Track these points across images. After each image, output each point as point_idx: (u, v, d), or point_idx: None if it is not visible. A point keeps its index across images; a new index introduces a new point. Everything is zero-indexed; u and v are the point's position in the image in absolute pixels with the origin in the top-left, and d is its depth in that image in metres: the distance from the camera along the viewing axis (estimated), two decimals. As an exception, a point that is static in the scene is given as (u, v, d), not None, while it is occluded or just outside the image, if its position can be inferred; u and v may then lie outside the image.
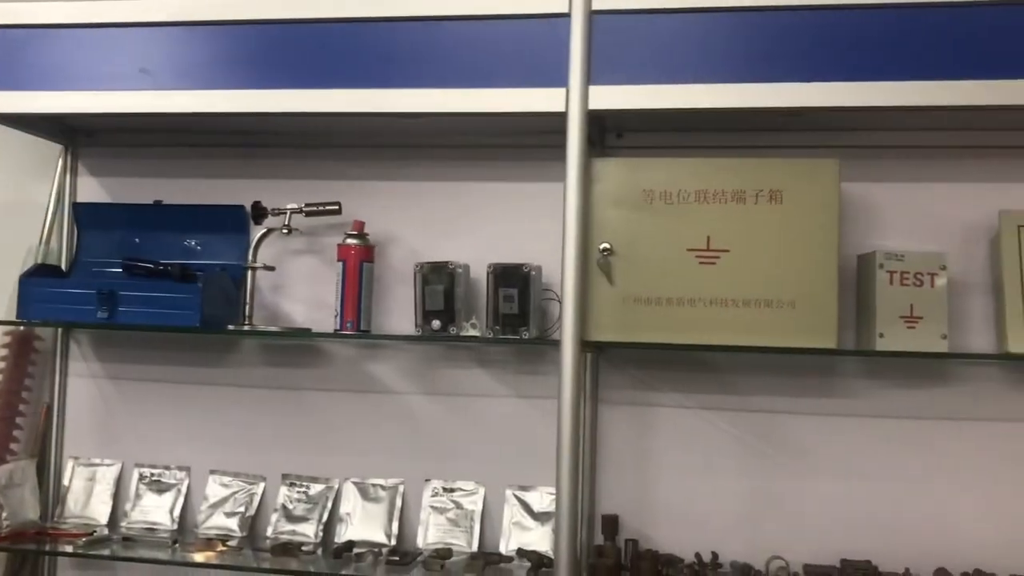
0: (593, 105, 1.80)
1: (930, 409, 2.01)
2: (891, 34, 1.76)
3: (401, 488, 2.19)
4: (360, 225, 2.12)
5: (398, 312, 2.18)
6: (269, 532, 2.18)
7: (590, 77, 1.81)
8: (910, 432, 2.01)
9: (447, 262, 2.02)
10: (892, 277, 1.86)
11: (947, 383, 2.01)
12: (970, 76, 1.72)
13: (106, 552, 2.11)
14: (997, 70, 1.72)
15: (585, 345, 1.86)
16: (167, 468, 2.30)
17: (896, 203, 2.03)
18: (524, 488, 2.13)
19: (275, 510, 2.20)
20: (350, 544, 2.08)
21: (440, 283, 2.01)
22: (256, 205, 2.15)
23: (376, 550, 2.07)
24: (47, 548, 2.20)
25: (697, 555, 2.01)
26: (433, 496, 2.17)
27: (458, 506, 2.15)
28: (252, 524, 2.21)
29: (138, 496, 2.28)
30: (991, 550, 1.96)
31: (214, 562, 2.06)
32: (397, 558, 2.01)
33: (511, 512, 2.13)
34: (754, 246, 1.85)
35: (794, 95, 1.77)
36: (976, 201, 1.99)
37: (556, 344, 1.82)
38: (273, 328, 2.18)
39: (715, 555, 2.00)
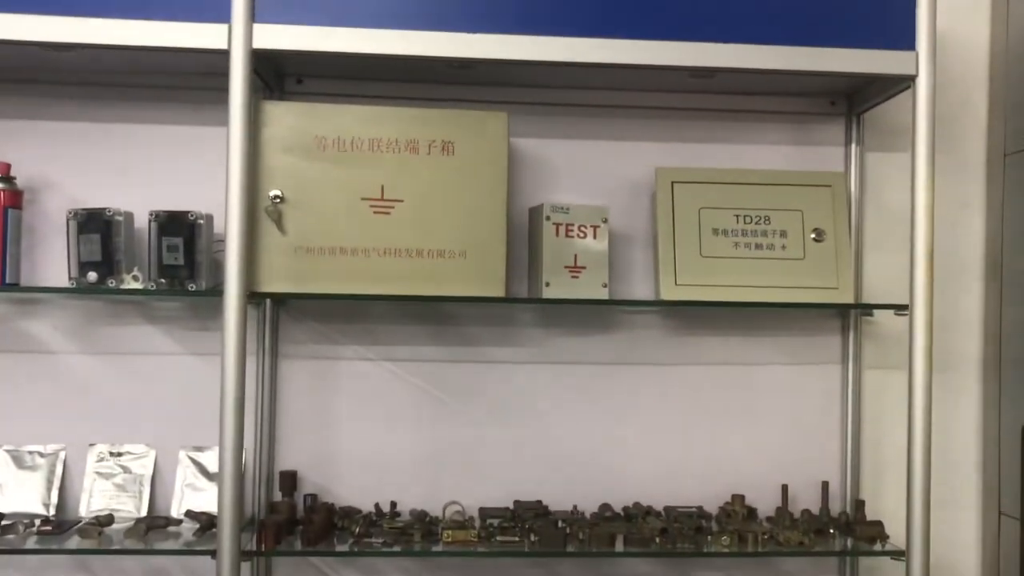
0: (258, 44, 1.72)
1: (595, 355, 2.12)
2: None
3: (62, 455, 2.02)
4: (6, 168, 1.91)
5: (56, 265, 1.99)
6: (-95, 511, 1.95)
7: (255, 14, 1.72)
8: (577, 377, 2.12)
9: (104, 209, 1.87)
10: (558, 229, 1.93)
11: (610, 331, 2.13)
12: (624, 36, 1.79)
13: None
14: (650, 31, 1.80)
15: (253, 296, 1.79)
16: None
17: (567, 159, 2.11)
18: (199, 449, 2.04)
19: (-88, 486, 1.97)
20: (-2, 516, 1.91)
21: (97, 232, 1.86)
22: None
23: (28, 521, 1.90)
24: None
25: (376, 505, 2.01)
26: (99, 461, 2.03)
27: (126, 470, 2.02)
28: None
29: None
30: (649, 484, 2.11)
31: None
32: (50, 528, 1.85)
33: (184, 474, 2.03)
34: (427, 197, 1.86)
35: (464, 46, 1.77)
36: (640, 158, 2.11)
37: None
38: (-98, 282, 1.93)
39: (393, 504, 2.02)
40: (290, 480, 2.01)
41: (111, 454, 2.03)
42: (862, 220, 2.15)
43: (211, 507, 1.95)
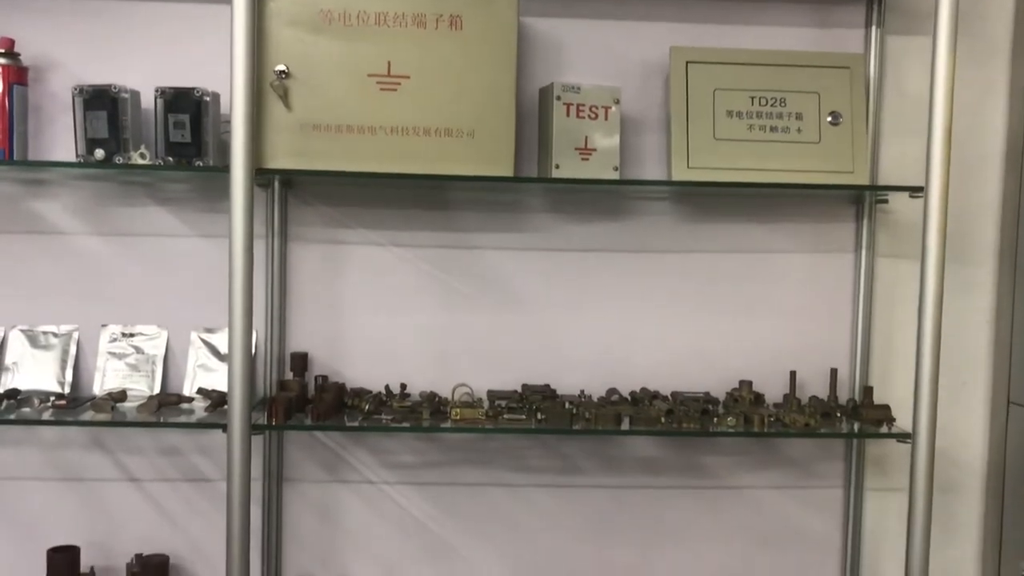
0: (260, -88, 1.68)
1: (605, 242, 2.10)
2: None
3: (75, 335, 2.05)
4: (9, 43, 1.89)
5: (63, 144, 1.98)
6: (-77, 387, 1.99)
7: None
8: (587, 264, 2.10)
9: (110, 85, 1.85)
10: (568, 109, 1.90)
11: (620, 217, 2.11)
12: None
13: None
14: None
15: (260, 173, 1.78)
16: None
17: (579, 39, 2.06)
18: (210, 330, 2.06)
19: (-69, 363, 2.00)
20: (14, 392, 1.93)
21: (103, 109, 1.84)
22: None
23: (43, 396, 1.93)
24: None
25: (386, 387, 2.03)
26: (111, 342, 2.05)
27: (139, 351, 2.05)
28: (-97, 380, 2.00)
29: None
30: (657, 371, 2.11)
31: None
32: (64, 403, 1.89)
33: (196, 355, 2.05)
34: (435, 73, 1.82)
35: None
36: (654, 39, 2.05)
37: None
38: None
39: (403, 386, 2.03)
40: (301, 361, 2.03)
41: (123, 335, 2.06)
42: (880, 104, 2.10)
43: (223, 387, 1.98)
